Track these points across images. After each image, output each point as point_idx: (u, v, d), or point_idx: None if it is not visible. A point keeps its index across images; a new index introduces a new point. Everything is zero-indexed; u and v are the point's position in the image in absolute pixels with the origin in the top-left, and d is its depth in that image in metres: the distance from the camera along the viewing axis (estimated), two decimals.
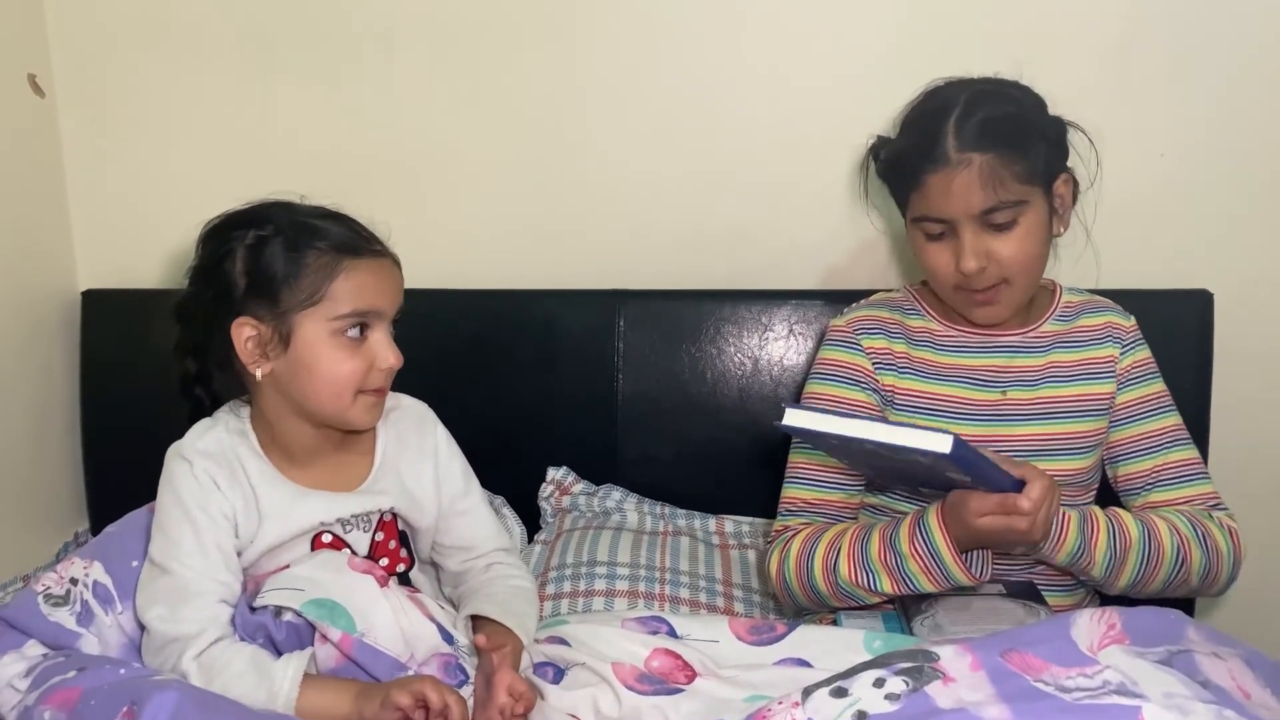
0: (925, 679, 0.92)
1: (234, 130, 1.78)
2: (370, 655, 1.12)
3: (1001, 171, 1.27)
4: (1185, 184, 1.67)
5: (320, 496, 1.23)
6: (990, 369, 1.40)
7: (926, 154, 1.29)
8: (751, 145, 1.71)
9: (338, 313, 1.18)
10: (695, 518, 1.68)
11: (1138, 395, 1.42)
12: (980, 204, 1.28)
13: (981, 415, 1.39)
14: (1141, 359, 1.43)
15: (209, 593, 1.16)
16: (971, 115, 1.28)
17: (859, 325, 1.45)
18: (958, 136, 1.28)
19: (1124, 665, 0.91)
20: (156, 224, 1.80)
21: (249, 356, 1.19)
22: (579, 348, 1.72)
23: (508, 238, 1.78)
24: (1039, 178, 1.31)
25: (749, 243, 1.73)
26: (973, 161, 1.27)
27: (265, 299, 1.18)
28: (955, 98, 1.31)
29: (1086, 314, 1.44)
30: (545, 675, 1.18)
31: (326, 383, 1.19)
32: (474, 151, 1.75)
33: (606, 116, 1.72)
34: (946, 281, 1.35)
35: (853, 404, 1.41)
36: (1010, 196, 1.28)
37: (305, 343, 1.18)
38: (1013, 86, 1.35)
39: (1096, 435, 1.40)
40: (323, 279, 1.17)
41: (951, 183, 1.27)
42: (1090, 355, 1.41)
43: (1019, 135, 1.29)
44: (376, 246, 1.23)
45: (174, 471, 1.22)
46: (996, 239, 1.30)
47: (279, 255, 1.18)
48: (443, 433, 1.35)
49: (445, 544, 1.33)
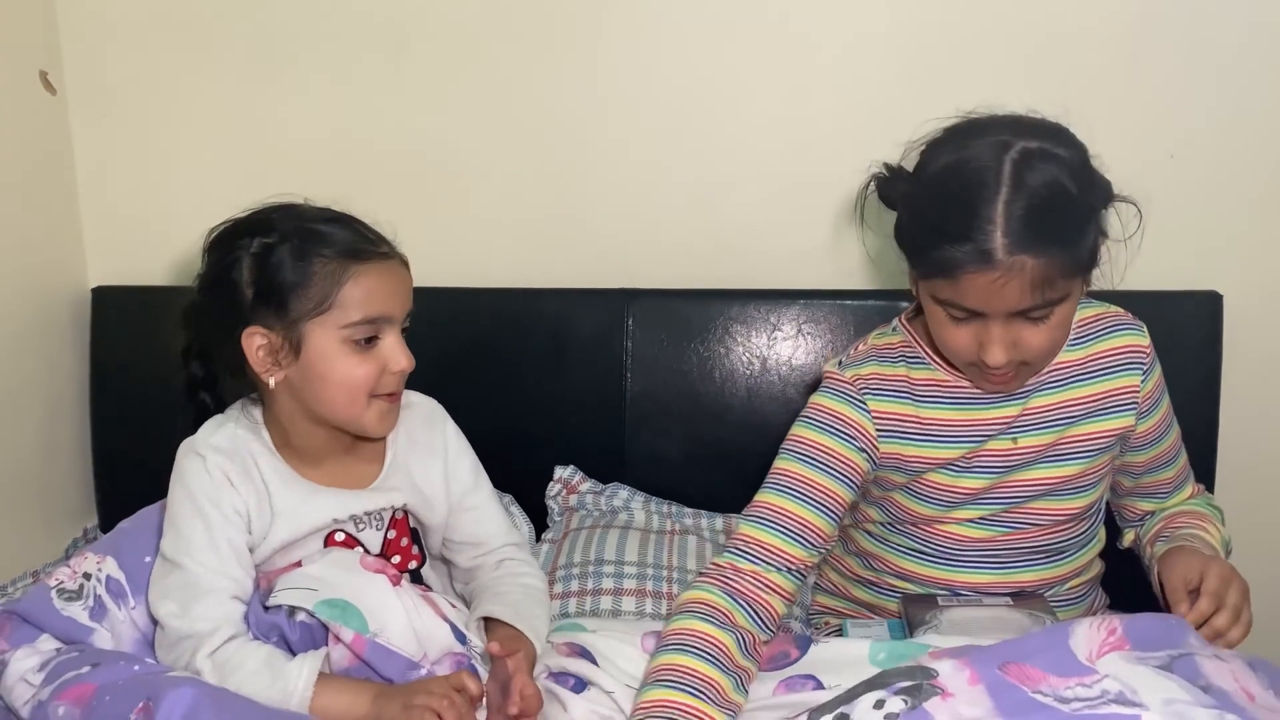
0: (924, 696, 0.93)
1: (244, 127, 1.78)
2: (383, 656, 1.13)
3: (1052, 272, 1.12)
4: (1195, 185, 1.65)
5: (333, 494, 1.24)
6: (998, 420, 1.30)
7: (967, 249, 1.11)
8: (760, 145, 1.71)
9: (348, 320, 1.18)
10: (703, 517, 1.68)
11: (1156, 419, 1.35)
12: (1022, 305, 1.14)
13: (992, 467, 1.31)
14: (1158, 379, 1.34)
15: (221, 589, 1.17)
16: (1023, 200, 1.11)
17: (865, 384, 1.31)
18: (1009, 234, 1.10)
19: (1123, 673, 0.92)
20: (167, 221, 1.80)
21: (261, 365, 1.20)
22: (587, 347, 1.72)
23: (516, 237, 1.78)
24: (1085, 267, 1.17)
25: (758, 242, 1.73)
26: (1025, 266, 1.11)
27: (274, 308, 1.18)
28: (998, 165, 1.13)
29: (1102, 337, 1.32)
30: (566, 684, 1.17)
31: (340, 389, 1.20)
32: (483, 151, 1.75)
33: (616, 116, 1.72)
34: (964, 359, 1.24)
35: (839, 458, 1.28)
36: (1055, 295, 1.14)
37: (316, 351, 1.19)
38: (1060, 143, 1.16)
39: (1104, 470, 1.35)
40: (331, 287, 1.18)
41: (999, 288, 1.12)
42: (1110, 386, 1.31)
43: (1076, 227, 1.14)
44: (384, 249, 1.23)
45: (186, 467, 1.23)
46: (1027, 329, 1.17)
47: (286, 263, 1.18)
48: (452, 429, 1.35)
49: (455, 540, 1.34)
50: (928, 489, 1.32)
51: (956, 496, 1.32)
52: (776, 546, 1.23)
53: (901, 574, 1.37)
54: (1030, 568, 1.35)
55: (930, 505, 1.33)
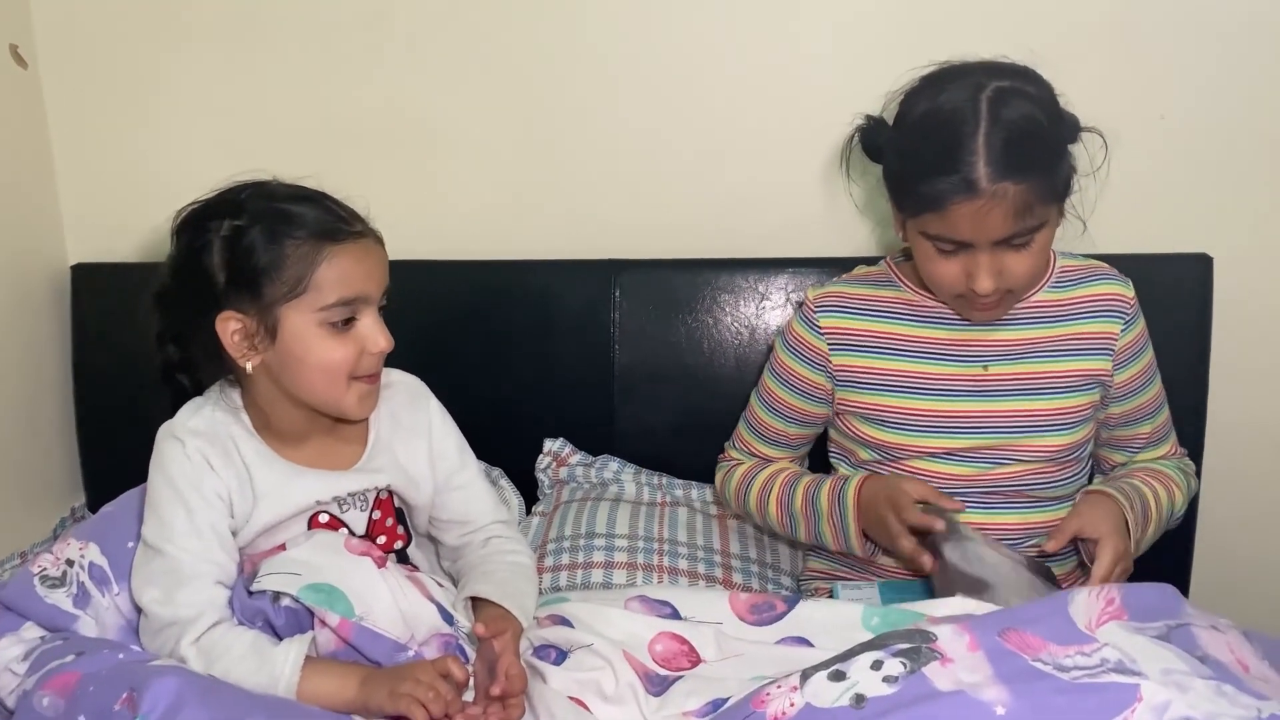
0: (923, 660, 0.92)
1: (222, 100, 1.75)
2: (369, 639, 1.12)
3: (1031, 198, 1.20)
4: (1185, 146, 1.64)
5: (316, 475, 1.22)
6: (970, 342, 1.36)
7: (953, 180, 1.20)
8: (749, 112, 1.68)
9: (323, 303, 1.16)
10: (693, 487, 1.68)
11: (1135, 371, 1.39)
12: (1006, 232, 1.22)
13: (961, 391, 1.36)
14: (1140, 332, 1.39)
15: (205, 575, 1.16)
16: (1001, 133, 1.19)
17: (822, 303, 1.42)
18: (990, 163, 1.19)
19: (1122, 642, 0.91)
20: (146, 196, 1.76)
21: (237, 350, 1.18)
22: (574, 319, 1.70)
23: (501, 208, 1.75)
24: (1060, 195, 1.26)
25: (746, 211, 1.71)
26: (1007, 193, 1.19)
27: (247, 293, 1.16)
28: (974, 103, 1.22)
29: (1086, 283, 1.39)
30: (547, 657, 1.17)
31: (318, 372, 1.18)
32: (466, 120, 1.72)
33: (602, 84, 1.69)
34: (951, 291, 1.30)
35: (805, 380, 1.43)
36: (1035, 221, 1.23)
37: (293, 335, 1.16)
38: (1029, 81, 1.25)
39: (1085, 410, 1.38)
40: (305, 269, 1.15)
41: (984, 215, 1.20)
42: (1086, 329, 1.36)
43: (1050, 156, 1.23)
44: (357, 227, 1.20)
45: (165, 451, 1.21)
46: (1011, 256, 1.25)
47: (258, 247, 1.15)
48: (436, 407, 1.34)
49: (442, 519, 1.32)
50: (890, 413, 1.37)
51: (923, 421, 1.35)
52: (762, 450, 1.50)
53: None
54: (1014, 509, 1.37)
55: (896, 432, 1.37)
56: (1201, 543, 1.67)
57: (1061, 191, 1.26)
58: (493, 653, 1.11)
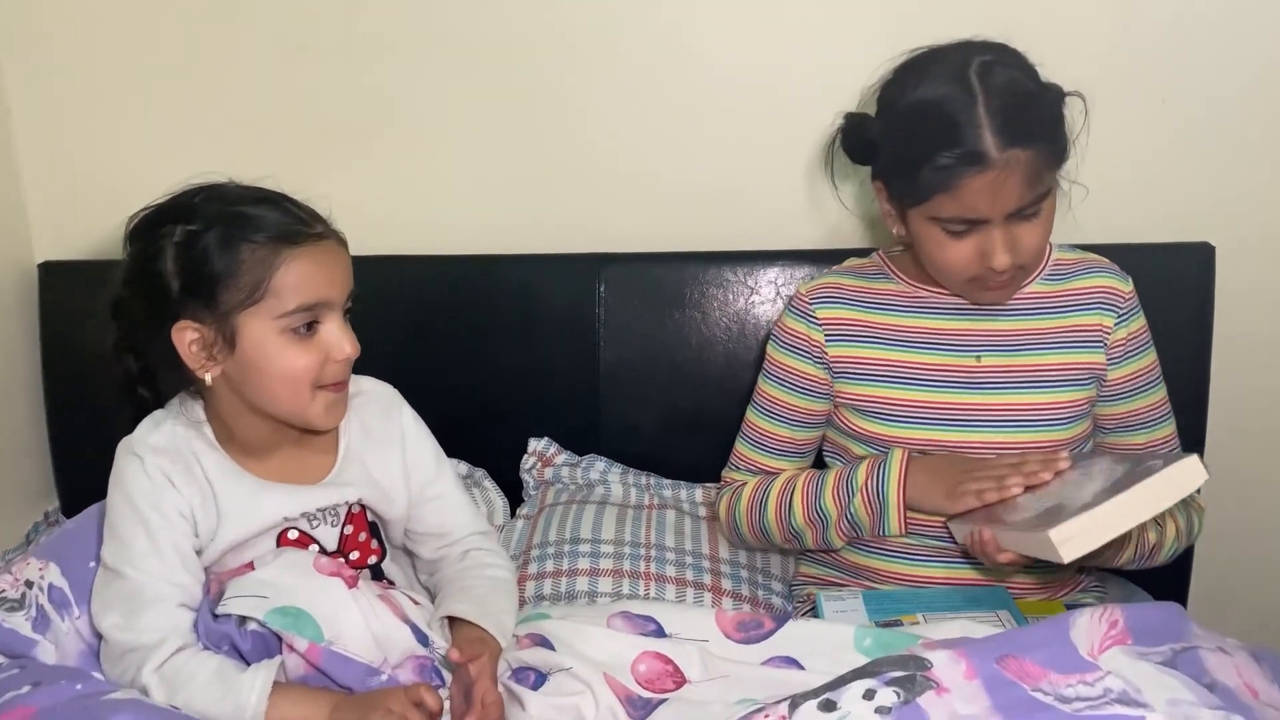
0: (917, 689, 0.88)
1: (191, 91, 1.69)
2: (340, 664, 1.08)
3: (1040, 164, 1.19)
4: (1187, 132, 1.60)
5: (282, 490, 1.18)
6: (963, 332, 1.34)
7: (962, 154, 1.17)
8: (736, 102, 1.64)
9: (283, 309, 1.11)
10: (681, 488, 1.64)
11: (1131, 371, 1.35)
12: (1020, 201, 1.19)
13: (953, 381, 1.33)
14: (1137, 329, 1.35)
15: (167, 598, 1.11)
16: (998, 100, 1.18)
17: (818, 294, 1.39)
18: (997, 132, 1.17)
19: (1126, 670, 0.87)
20: (115, 191, 1.67)
21: (195, 360, 1.13)
22: (558, 315, 1.66)
23: (480, 201, 1.71)
24: (1061, 159, 1.24)
25: (733, 203, 1.67)
26: (1019, 160, 1.17)
27: (203, 300, 1.11)
28: (964, 79, 1.20)
29: (1080, 275, 1.35)
30: (526, 680, 1.14)
31: (281, 382, 1.13)
32: (445, 112, 1.67)
33: (585, 73, 1.64)
34: (964, 275, 1.27)
35: (805, 376, 1.39)
36: (1044, 188, 1.21)
37: (252, 343, 1.12)
38: (1006, 53, 1.24)
39: (1081, 405, 1.33)
40: (262, 274, 1.10)
41: (999, 186, 1.17)
42: (1079, 321, 1.33)
43: (1050, 120, 1.22)
44: (317, 229, 1.15)
45: (124, 469, 1.16)
46: (1023, 228, 1.23)
47: (212, 252, 1.10)
48: (409, 415, 1.29)
49: (418, 531, 1.28)
50: (881, 403, 1.35)
51: (913, 411, 1.33)
52: (767, 463, 1.43)
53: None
54: None
55: (886, 423, 1.34)
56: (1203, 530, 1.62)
57: (1060, 156, 1.24)
58: (469, 677, 1.07)
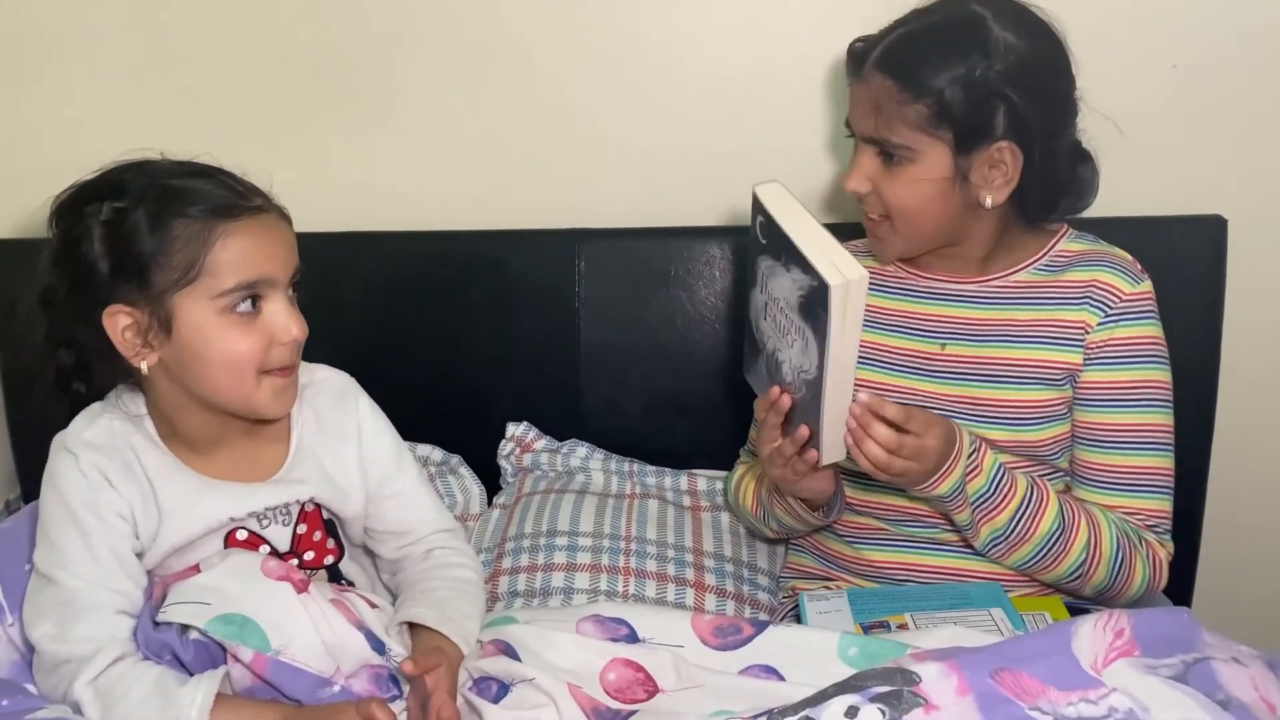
0: (904, 706, 0.81)
1: (144, 65, 1.62)
2: (288, 675, 1.01)
3: (889, 106, 1.17)
4: (1198, 99, 1.52)
5: (228, 489, 1.11)
6: (929, 317, 1.28)
7: (858, 56, 1.22)
8: (720, 68, 1.57)
9: (221, 288, 1.04)
10: (666, 475, 1.59)
11: (1114, 379, 1.23)
12: (867, 129, 1.20)
13: (913, 367, 1.27)
14: (1132, 336, 1.23)
15: (103, 604, 1.05)
16: (911, 36, 1.18)
17: None
18: (881, 51, 1.19)
19: (1133, 686, 0.81)
20: (63, 166, 1.57)
21: (128, 348, 1.06)
22: (536, 293, 1.61)
23: (452, 173, 1.64)
24: (941, 132, 1.16)
25: (717, 175, 1.60)
26: (871, 81, 1.19)
27: (135, 282, 1.04)
28: (929, 15, 1.19)
29: (1081, 267, 1.25)
30: (487, 692, 1.07)
31: (222, 368, 1.06)
32: (413, 77, 1.60)
33: (562, 44, 1.58)
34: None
35: None
36: (894, 138, 1.18)
37: (189, 326, 1.04)
38: (1021, 24, 1.17)
39: (1054, 405, 1.24)
40: (197, 251, 1.03)
41: (855, 94, 1.23)
42: (1061, 316, 1.24)
43: (933, 78, 1.15)
44: (256, 202, 1.08)
45: (57, 467, 1.09)
46: (885, 171, 1.21)
47: (141, 229, 1.03)
48: (366, 407, 1.22)
49: (377, 530, 1.21)
50: None
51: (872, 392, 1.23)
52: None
53: (850, 506, 1.30)
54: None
55: None
56: (1212, 510, 1.59)
57: (951, 131, 1.16)
58: (426, 690, 1.01)
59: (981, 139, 1.16)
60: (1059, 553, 1.20)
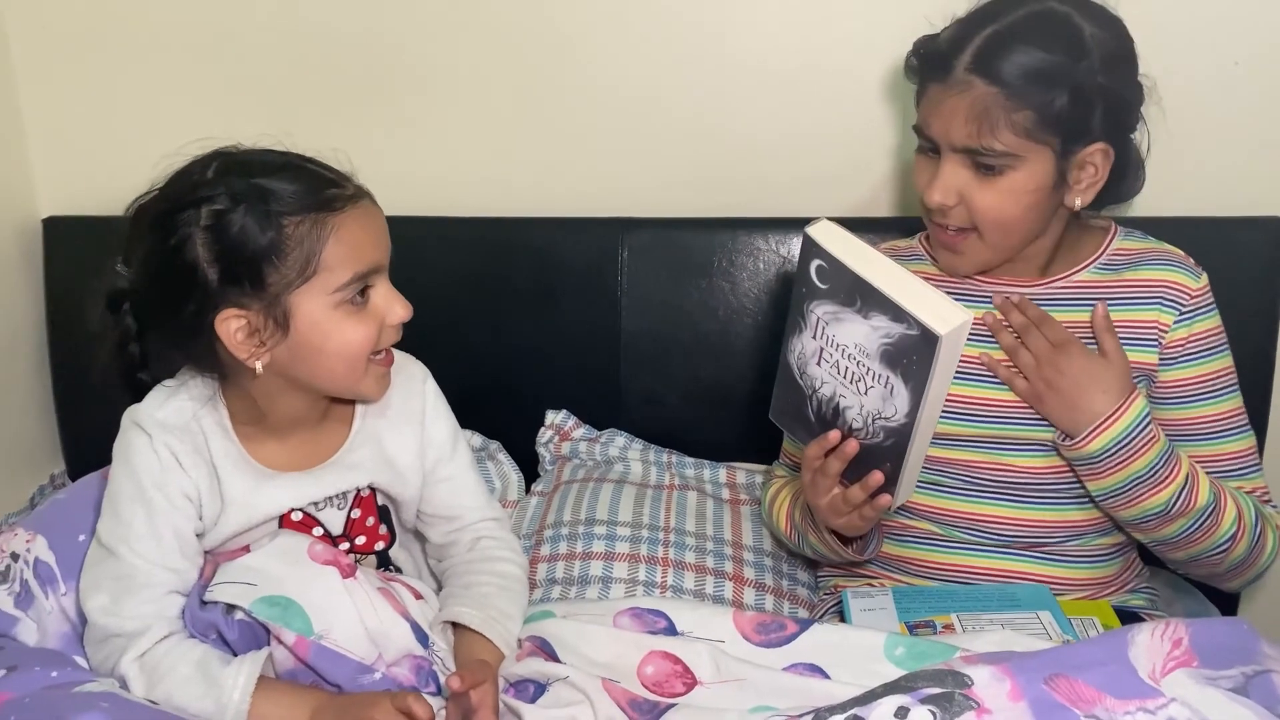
0: (956, 709, 0.80)
1: (197, 46, 1.63)
2: (330, 660, 1.02)
3: (997, 113, 1.12)
4: (1261, 97, 1.49)
5: (287, 480, 1.11)
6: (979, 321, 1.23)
7: (939, 58, 1.15)
8: (768, 59, 1.55)
9: (338, 283, 1.03)
10: (705, 467, 1.58)
11: (1192, 375, 1.23)
12: (961, 139, 1.14)
13: (982, 376, 1.23)
14: (1204, 330, 1.23)
15: (158, 583, 1.06)
16: (1005, 37, 1.12)
17: None
18: (974, 54, 1.12)
19: (1192, 697, 0.79)
20: (121, 144, 1.67)
21: (243, 349, 1.04)
22: (578, 281, 1.60)
23: (501, 162, 1.64)
24: (1048, 138, 1.13)
25: (764, 166, 1.59)
26: (972, 87, 1.12)
27: (248, 284, 1.02)
28: (1011, 11, 1.13)
29: (1142, 266, 1.24)
30: (525, 693, 1.07)
31: (339, 359, 1.06)
32: (458, 63, 1.60)
33: (608, 28, 1.57)
34: (922, 206, 1.22)
35: None
36: (998, 145, 1.13)
37: (309, 323, 1.04)
38: (1093, 19, 1.14)
39: None
40: (311, 248, 1.02)
41: (943, 101, 1.15)
42: (1131, 317, 1.22)
43: (1041, 82, 1.11)
44: (351, 189, 1.07)
45: (130, 443, 1.09)
46: (977, 182, 1.16)
47: (251, 231, 1.01)
48: (432, 390, 1.22)
49: (427, 513, 1.22)
50: None
51: None
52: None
53: (904, 509, 1.27)
54: (1030, 505, 1.24)
55: None
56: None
57: (1059, 136, 1.13)
58: (469, 704, 1.01)
59: (1083, 141, 1.14)
60: (1210, 526, 1.18)
